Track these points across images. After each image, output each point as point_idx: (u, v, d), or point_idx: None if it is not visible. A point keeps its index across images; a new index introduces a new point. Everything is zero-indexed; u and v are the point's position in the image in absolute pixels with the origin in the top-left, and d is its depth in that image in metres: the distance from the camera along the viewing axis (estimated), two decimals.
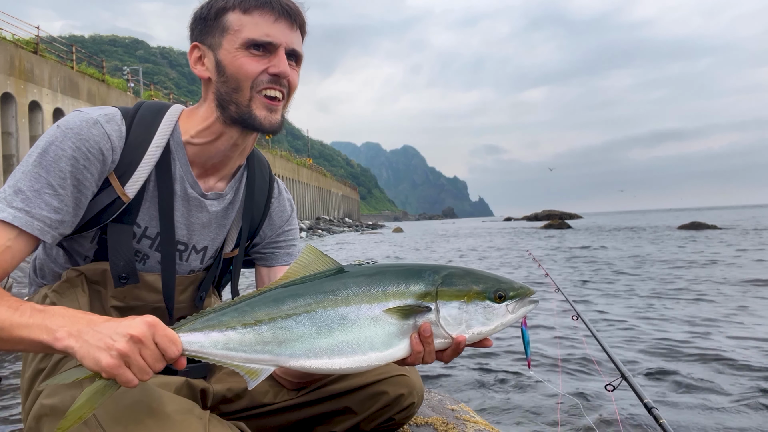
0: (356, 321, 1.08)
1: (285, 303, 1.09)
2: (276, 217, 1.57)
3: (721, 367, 3.93)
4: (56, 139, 1.18)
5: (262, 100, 1.26)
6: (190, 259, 1.42)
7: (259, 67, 1.25)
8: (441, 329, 1.12)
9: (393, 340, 1.10)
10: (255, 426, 1.42)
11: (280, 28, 1.25)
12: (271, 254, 1.57)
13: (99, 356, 0.94)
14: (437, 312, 1.11)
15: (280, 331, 1.07)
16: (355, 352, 1.08)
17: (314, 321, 1.07)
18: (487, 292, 1.14)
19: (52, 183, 1.16)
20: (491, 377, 3.82)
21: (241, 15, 1.24)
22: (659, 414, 1.77)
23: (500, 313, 1.15)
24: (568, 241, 23.42)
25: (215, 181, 1.41)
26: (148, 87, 41.39)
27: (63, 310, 1.04)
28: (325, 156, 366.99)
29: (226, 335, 1.07)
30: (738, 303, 6.64)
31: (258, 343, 1.07)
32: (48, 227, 1.16)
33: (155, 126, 1.31)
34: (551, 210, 77.15)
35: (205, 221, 1.40)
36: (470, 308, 1.13)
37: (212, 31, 1.27)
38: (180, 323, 1.09)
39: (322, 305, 1.08)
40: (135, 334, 0.95)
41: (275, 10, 1.25)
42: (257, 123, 1.27)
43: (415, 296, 1.12)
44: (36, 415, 1.16)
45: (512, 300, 1.16)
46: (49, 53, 25.65)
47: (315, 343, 1.07)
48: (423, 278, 1.13)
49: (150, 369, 0.97)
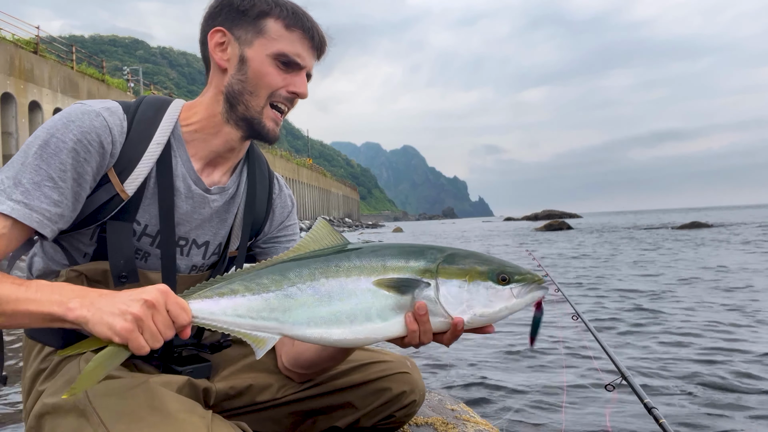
0: (354, 292, 1.09)
1: (291, 272, 1.10)
2: (278, 213, 1.58)
3: (721, 366, 3.93)
4: (57, 131, 1.17)
5: (272, 112, 1.33)
6: (191, 254, 1.41)
7: (281, 82, 1.31)
8: (440, 307, 1.10)
9: (389, 313, 1.10)
10: (256, 418, 1.43)
11: (310, 55, 1.34)
12: (270, 249, 1.58)
13: (113, 321, 0.96)
14: (437, 289, 1.10)
15: (285, 299, 1.09)
16: (352, 323, 1.08)
17: (316, 290, 1.09)
18: (490, 273, 1.12)
19: (53, 175, 1.15)
20: (491, 377, 3.82)
21: (282, 28, 1.29)
22: (659, 414, 1.77)
23: (504, 296, 1.12)
24: (568, 241, 23.42)
25: (219, 174, 1.41)
26: (148, 87, 41.38)
27: (69, 285, 1.07)
28: (325, 156, 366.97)
29: (234, 301, 1.09)
30: (738, 303, 6.65)
31: (264, 309, 1.09)
32: (47, 220, 1.15)
33: (157, 122, 1.31)
34: (551, 210, 77.16)
35: (206, 216, 1.40)
36: (471, 288, 1.11)
37: (246, 26, 1.30)
38: (189, 291, 1.11)
39: (325, 275, 1.09)
40: (149, 299, 0.98)
41: (313, 39, 1.33)
42: (265, 132, 1.34)
43: (414, 272, 1.10)
44: (38, 413, 1.17)
45: (518, 284, 1.13)
46: (49, 53, 25.65)
47: (315, 312, 1.08)
48: (425, 255, 1.13)
49: (161, 336, 0.99)
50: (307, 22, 1.31)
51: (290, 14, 1.29)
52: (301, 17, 1.31)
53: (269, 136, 1.34)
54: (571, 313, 3.52)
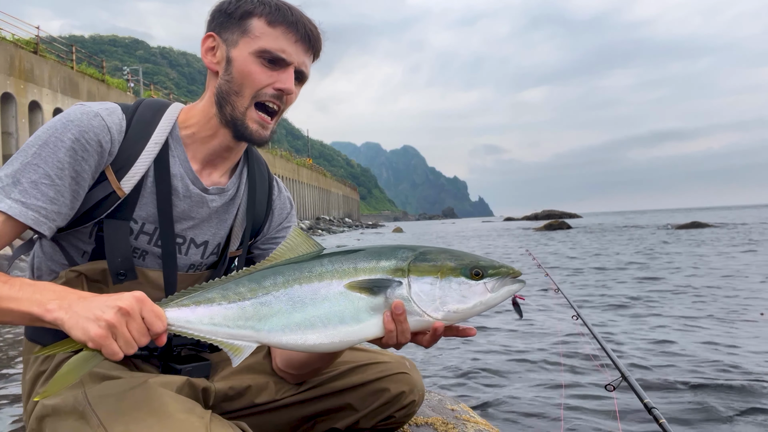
0: (327, 296, 1.09)
1: (266, 280, 1.11)
2: (276, 215, 1.59)
3: (721, 366, 3.93)
4: (56, 131, 1.20)
5: (257, 114, 1.30)
6: (189, 253, 1.42)
7: (266, 80, 1.28)
8: (414, 306, 1.09)
9: (363, 315, 1.09)
10: (257, 423, 1.43)
11: (296, 49, 1.30)
12: (269, 250, 1.58)
13: (88, 326, 0.97)
14: (409, 287, 1.09)
15: (261, 307, 1.09)
16: (326, 327, 1.08)
17: (290, 297, 1.09)
18: (462, 268, 1.10)
19: (50, 173, 1.17)
20: (492, 377, 3.82)
21: (265, 25, 1.27)
22: (659, 414, 1.77)
23: (478, 291, 1.10)
24: (568, 240, 23.42)
25: (218, 175, 1.42)
26: (148, 87, 41.41)
27: (52, 285, 1.08)
28: (325, 156, 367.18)
29: (211, 310, 1.09)
30: (739, 302, 6.65)
31: (241, 318, 1.09)
32: (44, 218, 1.17)
33: (155, 123, 1.32)
34: (551, 210, 77.19)
35: (204, 216, 1.41)
36: (444, 284, 1.09)
37: (232, 27, 1.30)
38: (167, 299, 1.12)
39: (298, 281, 1.10)
40: (123, 307, 0.98)
41: (298, 32, 1.29)
42: (248, 134, 1.32)
43: (385, 271, 1.10)
44: (38, 415, 1.17)
45: (492, 278, 1.11)
46: (49, 53, 25.66)
47: (290, 318, 1.08)
48: (396, 255, 1.12)
49: (135, 343, 1.00)
50: (291, 16, 1.29)
51: (273, 10, 1.28)
52: (285, 12, 1.28)
53: (252, 138, 1.32)
54: (571, 313, 3.52)
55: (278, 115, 1.35)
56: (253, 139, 1.32)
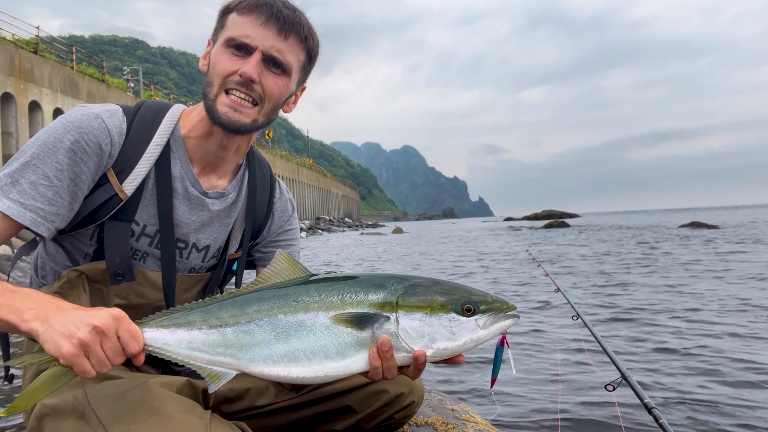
0: (312, 329, 1.04)
1: (250, 307, 1.07)
2: (277, 217, 1.58)
3: (721, 366, 3.93)
4: (57, 132, 1.20)
5: (227, 98, 1.26)
6: (190, 257, 1.42)
7: (231, 67, 1.24)
8: (402, 342, 1.04)
9: (348, 350, 1.04)
10: (256, 426, 1.42)
11: (263, 32, 1.24)
12: (269, 254, 1.57)
13: (60, 342, 0.94)
14: (397, 323, 1.04)
15: (243, 335, 1.05)
16: (310, 361, 1.04)
17: (274, 326, 1.05)
18: (453, 303, 1.06)
19: (49, 174, 1.17)
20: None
21: (236, 15, 1.26)
22: (659, 414, 1.77)
23: (468, 328, 1.05)
24: (568, 239, 23.42)
25: (217, 179, 1.42)
26: (148, 87, 41.40)
27: (34, 293, 1.04)
28: (325, 156, 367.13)
29: (191, 334, 1.06)
30: (739, 303, 6.65)
31: (221, 345, 1.05)
32: (42, 219, 1.17)
33: (156, 124, 1.32)
34: (551, 210, 77.19)
35: (206, 219, 1.41)
36: (433, 321, 1.05)
37: (217, 28, 1.31)
38: (147, 318, 1.09)
39: (283, 310, 1.05)
40: (98, 325, 0.95)
41: (264, 14, 1.24)
42: (218, 117, 1.27)
43: (373, 305, 1.05)
44: (38, 415, 1.17)
45: (484, 314, 1.06)
46: (49, 53, 25.65)
47: (273, 349, 1.04)
48: (384, 287, 1.07)
49: (108, 362, 0.97)
50: (262, 3, 1.24)
51: (247, 2, 1.25)
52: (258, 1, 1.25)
53: (222, 120, 1.27)
54: (571, 313, 3.52)
55: (261, 107, 1.29)
56: (223, 122, 1.26)
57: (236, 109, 1.26)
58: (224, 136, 1.34)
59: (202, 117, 1.34)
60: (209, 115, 1.30)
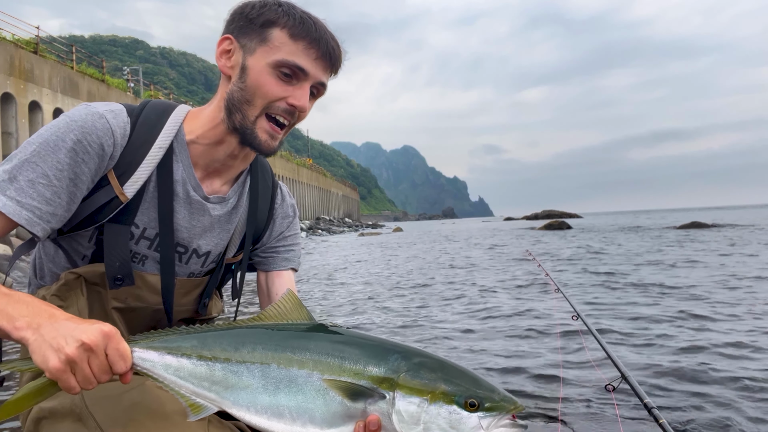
0: (303, 388, 0.99)
1: (244, 347, 1.02)
2: (278, 224, 1.57)
3: (722, 366, 3.93)
4: (59, 130, 1.17)
5: (267, 124, 1.26)
6: (190, 263, 1.41)
7: (280, 93, 1.24)
8: (393, 424, 0.97)
9: (335, 420, 0.98)
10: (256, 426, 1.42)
11: (315, 66, 1.25)
12: (269, 259, 1.57)
13: (48, 356, 0.93)
14: (392, 404, 0.97)
15: (231, 375, 1.01)
16: (294, 421, 0.99)
17: (264, 375, 1.00)
18: (456, 395, 0.97)
19: (48, 173, 1.14)
20: (491, 377, 3.82)
21: (287, 37, 1.22)
22: (659, 414, 1.77)
23: (469, 426, 0.96)
24: (568, 240, 23.41)
25: (219, 184, 1.40)
26: (148, 87, 41.40)
27: (28, 298, 1.02)
28: (325, 156, 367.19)
29: (180, 362, 1.03)
30: (740, 302, 6.64)
31: (207, 380, 1.02)
32: (38, 218, 1.14)
33: (159, 126, 1.30)
34: (551, 210, 77.22)
35: (207, 225, 1.39)
36: (432, 409, 0.96)
37: (252, 34, 1.25)
38: (140, 336, 1.07)
39: (277, 361, 1.00)
40: (87, 342, 0.93)
41: (320, 50, 1.24)
42: (256, 144, 1.27)
43: (372, 379, 0.98)
44: (35, 418, 1.16)
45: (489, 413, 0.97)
46: (49, 53, 25.65)
47: (259, 398, 1.00)
48: (387, 361, 0.99)
49: (94, 380, 0.96)
50: (315, 32, 1.23)
51: (297, 23, 1.22)
52: (309, 26, 1.23)
53: (261, 148, 1.28)
54: (571, 313, 3.51)
55: (288, 128, 1.31)
56: (262, 149, 1.28)
57: (273, 137, 1.27)
58: (237, 146, 1.32)
59: (215, 125, 1.31)
60: (241, 136, 1.28)
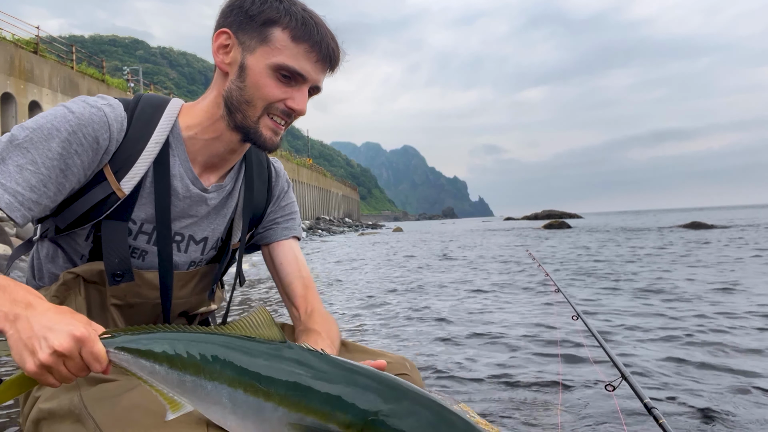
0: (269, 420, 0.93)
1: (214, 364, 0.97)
2: (275, 198, 1.59)
3: (723, 366, 3.92)
4: (55, 119, 1.16)
5: (270, 122, 1.28)
6: (189, 250, 1.41)
7: (279, 95, 1.24)
8: None
9: None
10: None
11: (315, 69, 1.26)
12: (269, 231, 1.58)
13: (24, 357, 0.92)
14: None
15: (200, 390, 0.98)
16: None
17: (232, 399, 0.96)
18: None
19: (37, 161, 1.13)
20: (492, 377, 3.82)
21: (288, 39, 1.22)
22: (659, 414, 1.77)
23: None
24: (567, 240, 23.41)
25: (217, 176, 1.41)
26: (148, 87, 41.41)
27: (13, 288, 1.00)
28: (325, 156, 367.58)
29: (153, 367, 1.01)
30: (740, 302, 6.64)
31: (179, 387, 1.00)
32: (19, 204, 1.12)
33: (155, 121, 1.29)
34: (551, 210, 77.25)
35: (203, 213, 1.40)
36: None
37: (251, 32, 1.23)
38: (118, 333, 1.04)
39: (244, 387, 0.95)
40: (59, 350, 0.92)
41: (321, 53, 1.24)
42: (261, 141, 1.29)
43: (336, 422, 0.89)
44: (34, 419, 1.16)
45: None
46: (49, 53, 25.66)
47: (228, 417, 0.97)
48: (356, 404, 0.89)
49: (73, 377, 0.96)
50: (317, 35, 1.22)
51: (299, 25, 1.21)
52: (311, 29, 1.22)
53: (266, 145, 1.30)
54: (570, 313, 3.51)
55: (287, 125, 1.33)
56: (267, 146, 1.29)
57: (277, 133, 1.30)
58: (239, 143, 1.33)
59: (214, 120, 1.31)
60: (244, 134, 1.29)
